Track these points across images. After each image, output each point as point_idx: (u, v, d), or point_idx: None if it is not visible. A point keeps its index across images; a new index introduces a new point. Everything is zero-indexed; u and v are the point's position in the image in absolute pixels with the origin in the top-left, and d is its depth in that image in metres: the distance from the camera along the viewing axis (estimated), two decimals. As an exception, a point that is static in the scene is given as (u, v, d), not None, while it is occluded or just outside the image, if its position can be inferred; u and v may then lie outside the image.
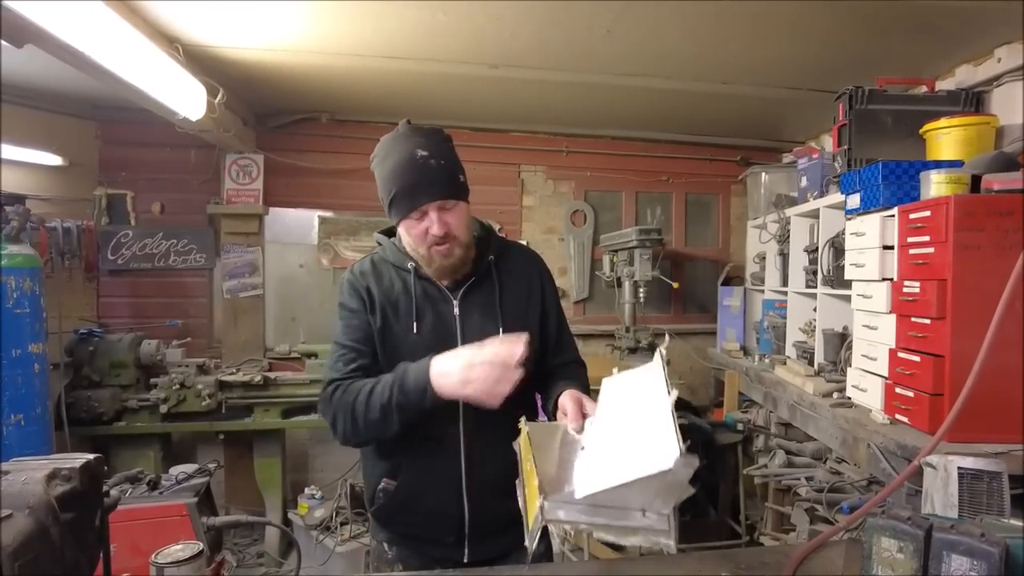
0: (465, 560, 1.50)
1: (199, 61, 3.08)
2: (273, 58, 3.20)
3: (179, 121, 3.06)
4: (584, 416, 1.31)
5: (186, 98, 2.91)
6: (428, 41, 3.01)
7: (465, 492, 1.46)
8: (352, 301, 1.51)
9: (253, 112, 4.25)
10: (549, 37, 2.95)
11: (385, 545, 1.59)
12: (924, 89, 2.98)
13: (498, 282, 1.52)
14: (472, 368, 1.26)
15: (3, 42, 2.01)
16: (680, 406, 4.14)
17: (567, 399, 1.36)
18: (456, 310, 1.49)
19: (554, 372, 1.58)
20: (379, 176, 1.47)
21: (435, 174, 1.41)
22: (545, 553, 1.54)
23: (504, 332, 1.46)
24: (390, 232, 1.60)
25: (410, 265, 1.50)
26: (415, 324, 1.46)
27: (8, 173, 3.56)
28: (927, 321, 2.15)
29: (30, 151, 3.69)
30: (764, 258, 4.23)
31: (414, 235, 1.44)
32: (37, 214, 3.41)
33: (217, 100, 3.18)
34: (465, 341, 1.46)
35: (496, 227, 1.68)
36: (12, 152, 3.56)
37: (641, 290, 4.06)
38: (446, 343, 1.45)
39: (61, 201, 3.93)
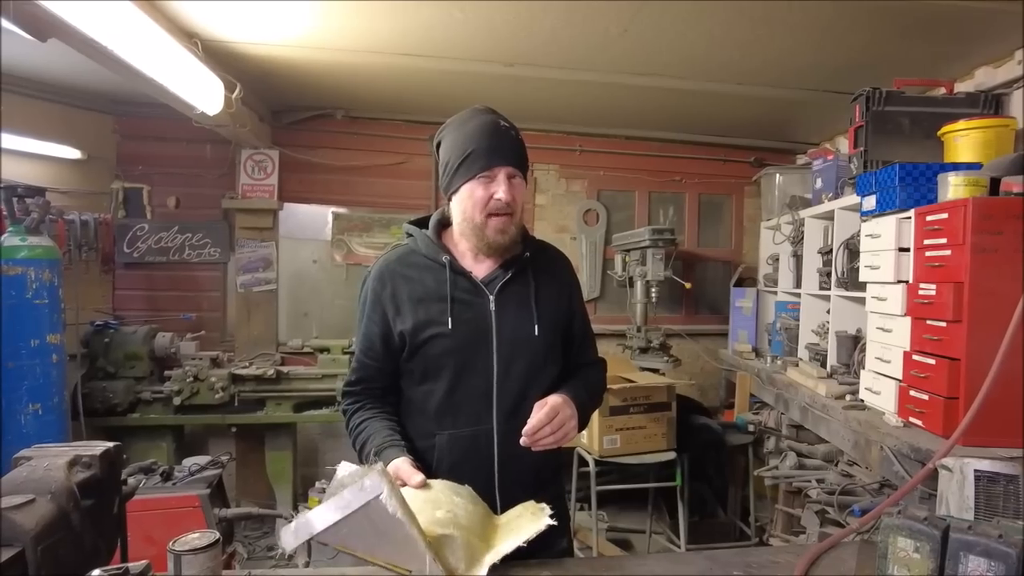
0: None
1: (217, 56, 3.11)
2: (290, 54, 3.22)
3: (197, 116, 3.09)
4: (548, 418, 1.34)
5: (204, 93, 2.94)
6: (444, 39, 3.02)
7: (498, 490, 1.44)
8: (369, 305, 1.49)
9: (269, 108, 4.28)
10: (565, 36, 2.95)
11: None
12: (942, 91, 2.96)
13: (533, 280, 1.50)
14: None
15: (28, 36, 2.03)
16: (691, 407, 4.12)
17: (537, 405, 1.37)
18: (492, 305, 1.45)
19: (574, 372, 1.58)
20: (453, 138, 1.44)
21: (514, 144, 1.43)
22: (567, 549, 1.56)
23: (539, 329, 1.46)
24: (422, 223, 1.57)
25: (444, 259, 1.46)
26: (450, 320, 1.42)
27: (28, 166, 3.62)
28: (943, 324, 2.13)
29: (49, 144, 3.74)
30: (777, 259, 4.21)
31: (477, 198, 1.40)
32: (56, 206, 3.45)
33: (234, 95, 3.21)
34: (500, 338, 1.44)
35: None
36: (32, 145, 3.61)
37: (653, 290, 4.05)
38: (481, 339, 1.43)
39: (79, 194, 3.98)
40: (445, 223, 1.54)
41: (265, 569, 1.43)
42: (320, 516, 1.09)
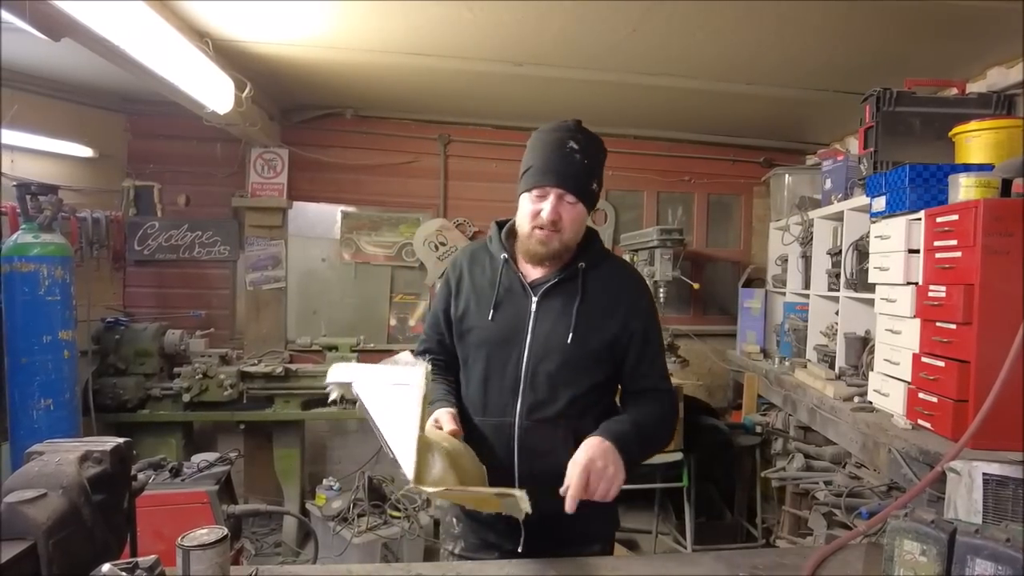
0: (520, 549, 1.51)
1: (227, 55, 3.12)
2: (300, 53, 3.23)
3: (207, 114, 3.10)
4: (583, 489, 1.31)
5: (214, 92, 2.96)
6: (453, 38, 3.02)
7: (517, 483, 1.47)
8: (443, 284, 1.66)
9: (279, 107, 4.30)
10: (574, 35, 2.95)
11: (453, 520, 1.67)
12: (954, 91, 2.93)
13: (582, 290, 1.51)
14: None
15: (41, 36, 2.05)
16: (698, 408, 4.10)
17: (570, 465, 1.34)
18: (533, 306, 1.51)
19: (627, 398, 1.60)
20: (528, 147, 1.53)
21: (573, 167, 1.46)
22: (600, 553, 1.58)
23: (573, 340, 1.47)
24: (506, 222, 1.66)
25: (503, 256, 1.55)
26: (491, 312, 1.52)
27: (41, 164, 3.65)
28: (953, 326, 2.12)
29: (62, 143, 3.77)
30: (786, 260, 4.19)
31: (527, 211, 1.49)
32: (68, 204, 3.48)
33: (244, 94, 3.22)
34: (534, 339, 1.49)
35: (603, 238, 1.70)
36: (45, 143, 3.64)
37: (661, 290, 4.04)
38: (515, 336, 1.50)
39: (91, 192, 4.01)
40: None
41: (272, 565, 1.44)
42: (368, 370, 1.30)
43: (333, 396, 1.36)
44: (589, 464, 1.32)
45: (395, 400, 1.24)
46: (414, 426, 1.19)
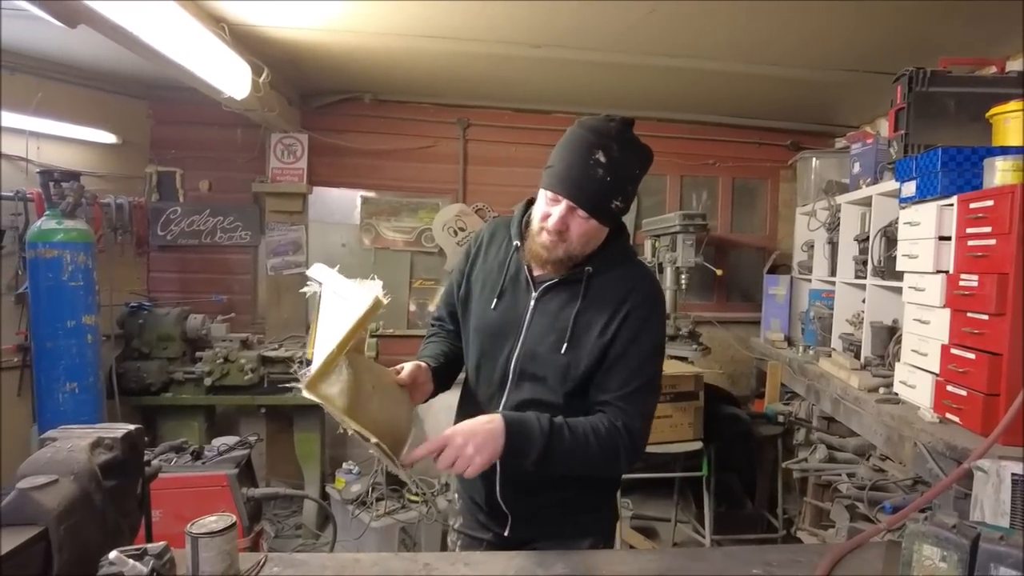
0: (506, 533, 1.51)
1: (244, 41, 3.12)
2: (317, 38, 3.21)
3: (224, 100, 3.11)
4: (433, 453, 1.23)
5: (231, 77, 2.95)
6: (470, 20, 2.98)
7: (498, 476, 1.46)
8: (461, 257, 1.61)
9: (298, 92, 4.30)
10: (591, 16, 2.88)
11: (457, 495, 1.70)
12: (993, 70, 2.80)
13: (584, 295, 1.41)
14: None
15: (58, 23, 2.06)
16: (720, 396, 4.03)
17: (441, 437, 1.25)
18: (531, 303, 1.44)
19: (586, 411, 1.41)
20: (563, 137, 1.41)
21: (592, 183, 1.33)
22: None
23: (568, 347, 1.38)
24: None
25: (516, 243, 1.48)
26: (495, 301, 1.47)
27: (65, 150, 3.70)
28: (985, 317, 2.04)
29: (86, 129, 3.81)
30: (812, 246, 4.10)
31: (540, 210, 1.40)
32: (92, 190, 3.52)
33: (262, 79, 3.22)
34: (527, 338, 1.42)
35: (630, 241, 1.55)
36: (69, 130, 3.69)
37: (683, 276, 3.98)
38: (511, 330, 1.44)
39: (115, 178, 4.06)
40: None
41: (282, 553, 1.45)
42: (334, 279, 1.37)
43: (308, 292, 1.40)
44: (452, 436, 1.23)
45: (337, 312, 1.30)
46: (335, 339, 1.22)
